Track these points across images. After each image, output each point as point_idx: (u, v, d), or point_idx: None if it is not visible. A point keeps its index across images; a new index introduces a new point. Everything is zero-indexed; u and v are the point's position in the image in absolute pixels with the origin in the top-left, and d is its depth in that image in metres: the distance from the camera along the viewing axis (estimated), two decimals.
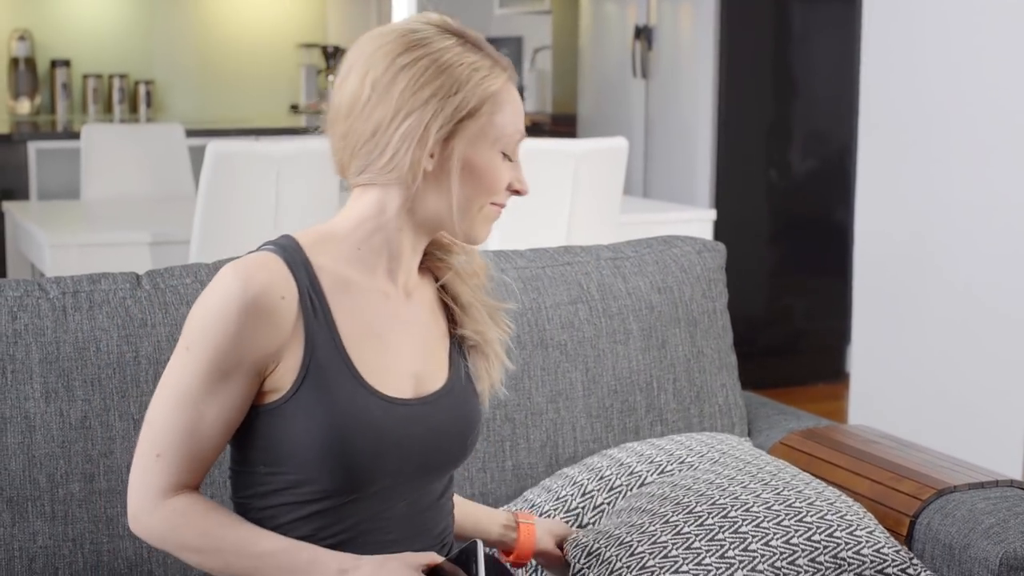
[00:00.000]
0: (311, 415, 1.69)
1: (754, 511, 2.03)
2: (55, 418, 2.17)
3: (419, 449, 1.75)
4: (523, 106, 1.80)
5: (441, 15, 1.77)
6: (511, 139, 1.76)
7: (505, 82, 1.74)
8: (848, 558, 2.01)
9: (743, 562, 1.96)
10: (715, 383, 2.59)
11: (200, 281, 2.31)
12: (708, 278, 2.63)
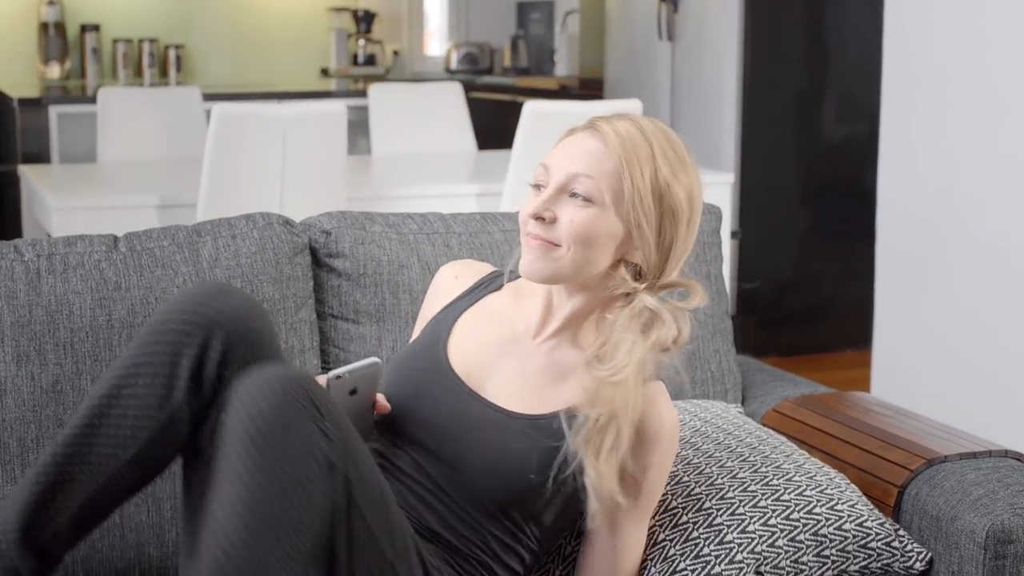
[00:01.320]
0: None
1: (729, 497, 1.98)
2: (26, 382, 2.14)
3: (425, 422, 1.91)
4: (577, 144, 1.87)
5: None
6: (538, 169, 1.88)
7: (566, 134, 1.91)
8: (829, 534, 1.95)
9: (719, 557, 1.90)
10: (708, 349, 2.52)
11: (178, 244, 2.27)
12: (703, 241, 2.56)
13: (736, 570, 1.90)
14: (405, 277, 2.35)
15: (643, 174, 1.81)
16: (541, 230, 1.84)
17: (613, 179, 1.82)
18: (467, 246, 2.41)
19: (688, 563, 1.91)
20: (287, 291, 2.29)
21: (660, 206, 1.82)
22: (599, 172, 1.82)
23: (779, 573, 1.93)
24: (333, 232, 2.36)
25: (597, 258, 1.84)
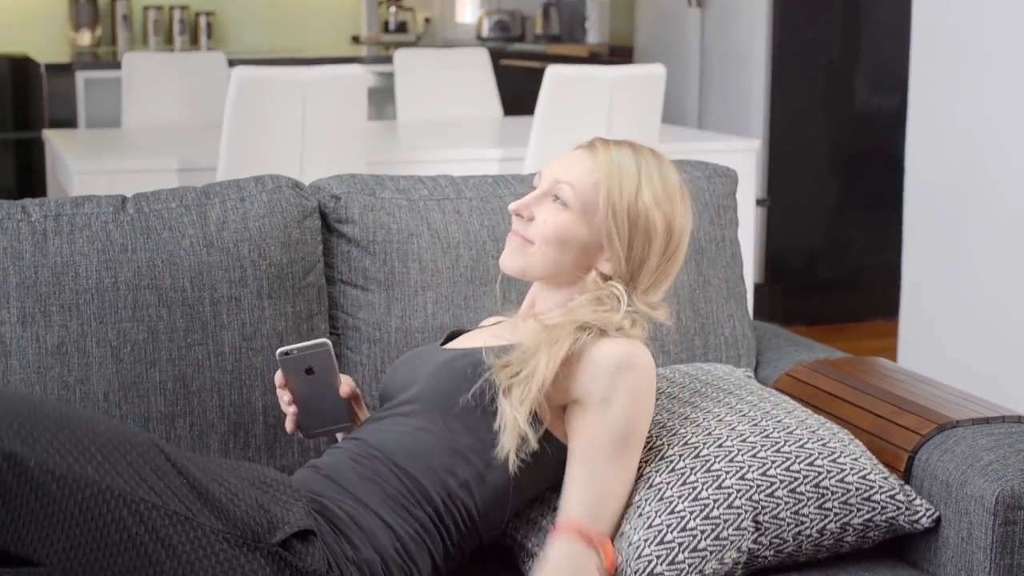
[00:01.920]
0: None
1: (727, 445, 1.95)
2: (31, 343, 2.13)
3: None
4: (571, 157, 2.03)
5: None
6: (536, 175, 2.06)
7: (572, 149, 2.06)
8: (831, 487, 1.93)
9: (717, 500, 1.88)
10: (721, 314, 2.49)
11: (186, 206, 2.26)
12: (717, 205, 2.52)
13: (734, 515, 1.88)
14: (415, 246, 2.33)
15: (621, 193, 1.95)
16: (519, 226, 2.00)
17: (591, 191, 1.96)
18: (478, 212, 2.39)
19: (686, 505, 1.89)
20: (295, 255, 2.27)
21: (635, 225, 1.95)
22: (580, 183, 1.97)
23: (779, 523, 1.91)
24: (343, 197, 2.34)
25: (567, 260, 1.98)
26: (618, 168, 1.97)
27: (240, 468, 1.84)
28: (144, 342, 2.17)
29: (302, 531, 1.76)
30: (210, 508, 1.72)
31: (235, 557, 1.71)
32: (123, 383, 2.16)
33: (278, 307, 2.25)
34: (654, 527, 1.88)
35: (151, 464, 1.71)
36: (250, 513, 1.74)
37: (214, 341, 2.21)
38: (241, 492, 1.76)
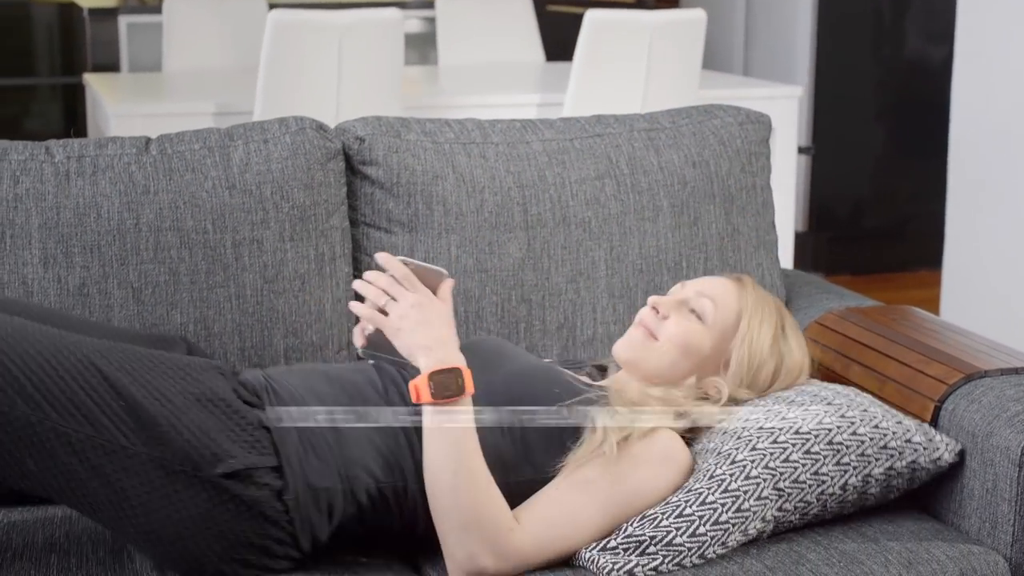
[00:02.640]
0: None
1: (732, 429, 1.95)
2: (53, 284, 2.14)
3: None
4: (718, 280, 2.09)
5: None
6: (677, 286, 2.11)
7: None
8: (844, 441, 1.91)
9: (733, 475, 1.88)
10: (751, 262, 2.46)
11: (209, 147, 2.25)
12: (749, 151, 2.48)
13: (753, 485, 1.86)
14: (439, 188, 2.31)
15: (761, 326, 2.02)
16: (651, 320, 2.02)
17: (732, 316, 2.02)
18: (504, 157, 2.36)
19: (703, 483, 1.87)
20: (318, 197, 2.26)
21: (767, 361, 2.02)
22: (724, 304, 2.03)
23: (800, 487, 1.88)
24: (367, 139, 2.32)
25: (680, 368, 2.00)
26: (762, 306, 2.04)
27: (192, 376, 1.79)
28: (165, 284, 2.17)
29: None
30: (148, 434, 1.70)
31: (171, 484, 1.70)
32: (144, 324, 2.15)
33: (300, 249, 2.23)
34: (671, 502, 1.86)
35: (86, 388, 1.69)
36: (192, 442, 1.72)
37: (235, 283, 2.20)
38: (185, 415, 1.73)
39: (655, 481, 1.87)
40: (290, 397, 1.85)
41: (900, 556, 1.86)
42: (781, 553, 1.87)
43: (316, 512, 1.79)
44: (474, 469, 1.77)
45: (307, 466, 1.79)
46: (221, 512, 1.72)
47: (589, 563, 1.83)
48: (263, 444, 1.77)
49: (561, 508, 1.82)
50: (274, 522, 1.76)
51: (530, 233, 2.33)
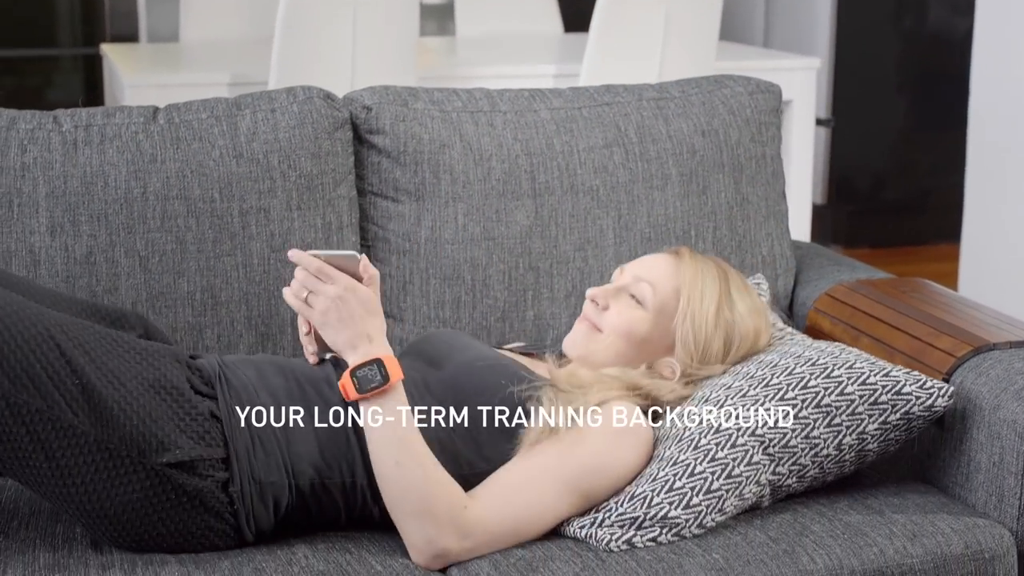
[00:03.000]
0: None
1: (714, 398, 1.94)
2: (60, 253, 2.14)
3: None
4: (656, 258, 2.08)
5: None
6: (617, 270, 2.10)
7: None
8: (833, 403, 1.90)
9: (719, 443, 1.87)
10: (760, 232, 2.44)
11: (216, 116, 2.25)
12: (759, 121, 2.46)
13: (741, 452, 1.85)
14: (446, 156, 2.30)
15: (702, 301, 1.99)
16: (592, 313, 2.03)
17: (671, 296, 2.00)
18: (512, 126, 2.35)
19: (688, 455, 1.86)
20: (325, 166, 2.25)
21: (714, 333, 1.99)
22: (661, 285, 2.01)
23: (791, 451, 1.88)
24: (374, 108, 2.31)
25: (630, 354, 2.00)
26: (701, 277, 2.01)
27: (148, 361, 1.79)
28: (172, 252, 2.17)
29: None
30: (97, 415, 1.70)
31: (115, 467, 1.71)
32: (151, 293, 2.16)
33: (308, 218, 2.23)
34: (659, 479, 1.85)
35: (43, 361, 1.69)
36: (140, 428, 1.72)
37: (242, 252, 2.20)
38: (136, 401, 1.73)
39: (613, 451, 1.85)
40: (242, 388, 1.85)
41: (905, 528, 1.85)
42: (785, 524, 1.86)
43: (261, 505, 1.79)
44: (417, 454, 1.77)
45: (254, 460, 1.79)
46: (162, 500, 1.73)
47: (588, 538, 1.82)
48: (212, 435, 1.78)
49: (516, 480, 1.82)
50: (217, 513, 1.76)
51: (538, 201, 2.32)
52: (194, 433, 1.76)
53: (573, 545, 1.82)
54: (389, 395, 1.77)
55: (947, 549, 1.83)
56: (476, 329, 2.28)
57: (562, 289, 2.32)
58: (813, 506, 1.92)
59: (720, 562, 1.77)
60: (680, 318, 1.99)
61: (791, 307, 2.46)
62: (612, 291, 2.03)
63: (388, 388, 1.77)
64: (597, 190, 2.34)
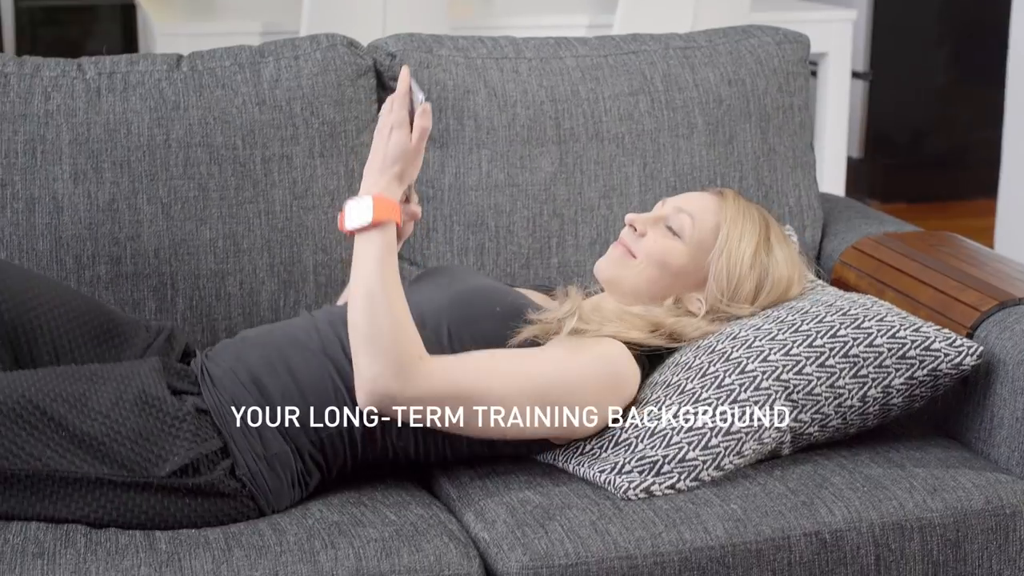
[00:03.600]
0: None
1: (742, 336, 1.92)
2: (83, 200, 2.14)
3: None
4: (699, 194, 2.05)
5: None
6: (659, 203, 2.06)
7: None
8: (861, 354, 1.87)
9: (743, 384, 1.85)
10: (787, 183, 2.42)
11: (240, 64, 2.24)
12: (786, 71, 2.43)
13: (763, 396, 1.84)
14: (470, 103, 2.28)
15: (740, 240, 1.96)
16: (629, 238, 2.00)
17: (709, 231, 1.97)
18: (537, 72, 2.33)
19: (711, 392, 1.85)
20: (348, 114, 2.24)
21: (748, 274, 1.96)
22: (701, 219, 1.98)
23: (815, 399, 1.86)
24: (398, 55, 2.30)
25: (660, 285, 1.97)
26: (743, 218, 1.98)
27: (125, 381, 1.80)
28: (195, 200, 2.17)
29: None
30: (92, 455, 1.72)
31: (124, 495, 1.73)
32: (173, 240, 2.16)
33: (330, 166, 2.22)
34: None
35: (27, 428, 1.72)
36: (135, 450, 1.74)
37: (265, 199, 2.19)
38: (124, 426, 1.74)
39: (584, 371, 1.84)
40: (221, 375, 1.85)
41: (925, 482, 1.84)
42: (805, 476, 1.85)
43: (275, 478, 1.80)
44: (389, 294, 1.79)
45: (252, 439, 1.80)
46: (179, 505, 1.74)
47: (606, 484, 1.82)
48: (205, 430, 1.78)
49: (482, 357, 1.82)
50: (233, 497, 1.77)
51: (563, 148, 2.30)
52: (187, 435, 1.76)
53: (591, 492, 1.81)
54: (376, 232, 1.80)
55: (967, 504, 1.81)
56: (500, 276, 2.27)
57: (586, 236, 2.31)
58: (834, 458, 1.90)
59: (738, 512, 1.76)
60: (716, 253, 1.96)
61: (818, 259, 2.43)
62: (652, 219, 2.00)
63: (372, 227, 1.80)
64: (622, 138, 2.33)
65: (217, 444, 1.78)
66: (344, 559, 1.67)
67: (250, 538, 1.70)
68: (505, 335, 1.86)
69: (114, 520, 1.73)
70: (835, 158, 4.24)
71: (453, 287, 1.93)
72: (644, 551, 1.71)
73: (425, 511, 1.80)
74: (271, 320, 2.20)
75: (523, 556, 1.70)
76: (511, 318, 1.87)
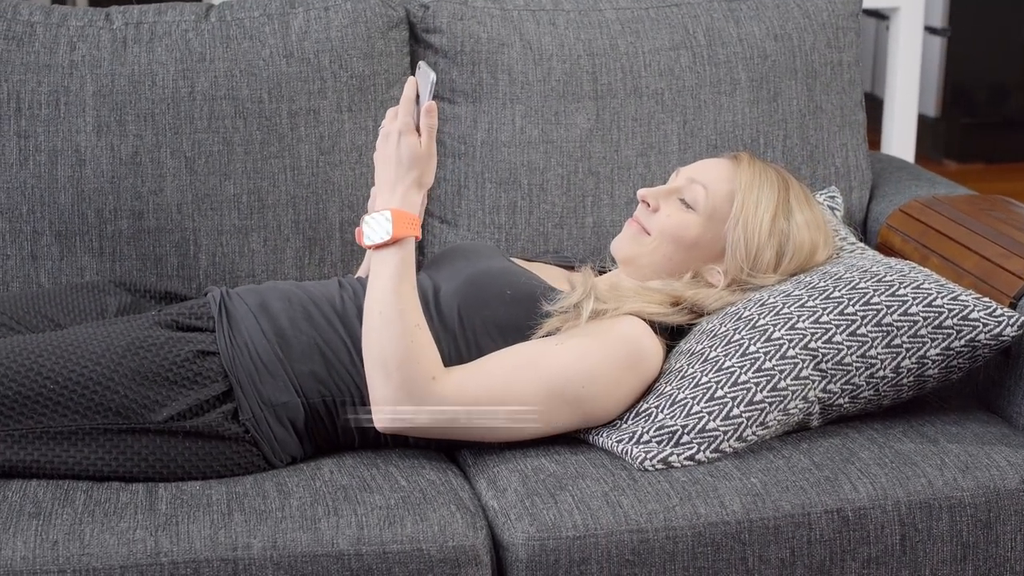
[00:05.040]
0: None
1: (771, 303, 1.84)
2: (106, 152, 2.11)
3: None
4: (713, 162, 1.97)
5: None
6: (674, 172, 2.00)
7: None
8: (895, 322, 1.78)
9: (768, 352, 1.77)
10: (834, 142, 2.32)
11: (268, 15, 2.19)
12: (836, 25, 2.33)
13: (790, 365, 1.76)
14: (504, 56, 2.22)
15: (757, 207, 1.87)
16: (642, 215, 1.93)
17: (724, 200, 1.89)
18: (575, 25, 2.26)
19: (734, 361, 1.78)
20: (378, 67, 2.19)
21: (767, 242, 1.88)
22: (715, 188, 1.90)
23: (845, 369, 1.78)
24: (432, 6, 2.23)
25: (677, 260, 1.90)
26: (759, 183, 1.89)
27: (117, 330, 1.77)
28: (219, 154, 2.13)
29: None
30: (86, 405, 1.70)
31: (123, 441, 1.70)
32: (196, 195, 2.12)
33: (358, 120, 2.17)
34: (702, 385, 1.77)
35: (14, 384, 1.70)
36: (130, 396, 1.71)
37: (291, 154, 2.15)
38: (117, 372, 1.71)
39: (602, 358, 1.77)
40: (241, 317, 1.81)
41: (958, 459, 1.75)
42: (832, 450, 1.77)
43: (281, 428, 1.76)
44: (403, 312, 1.73)
45: (260, 385, 1.76)
46: (180, 448, 1.72)
47: (624, 454, 1.76)
48: (205, 374, 1.75)
49: (500, 366, 1.76)
50: (235, 441, 1.74)
51: (599, 103, 2.23)
52: (185, 380, 1.73)
53: (608, 462, 1.75)
54: (395, 249, 1.75)
55: (1000, 483, 1.73)
56: (532, 235, 2.21)
57: (623, 196, 2.23)
58: (865, 431, 1.82)
59: (757, 487, 1.69)
60: (732, 223, 1.88)
61: (865, 222, 2.34)
62: (664, 192, 1.93)
63: (391, 243, 1.75)
64: (662, 93, 2.25)
65: (220, 388, 1.75)
66: (346, 527, 1.62)
67: (253, 500, 1.67)
68: (517, 319, 1.80)
69: (114, 471, 1.70)
70: (905, 117, 4.10)
71: (466, 270, 1.87)
72: (656, 525, 1.65)
73: (439, 476, 1.75)
74: (296, 278, 2.16)
75: (530, 527, 1.65)
76: (523, 302, 1.81)
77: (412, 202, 1.78)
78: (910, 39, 4.08)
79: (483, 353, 1.81)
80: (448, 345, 1.81)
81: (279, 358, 1.78)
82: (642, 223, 1.93)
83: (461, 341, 1.81)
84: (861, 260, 1.92)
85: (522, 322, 1.81)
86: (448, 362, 1.79)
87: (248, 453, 1.75)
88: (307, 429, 1.79)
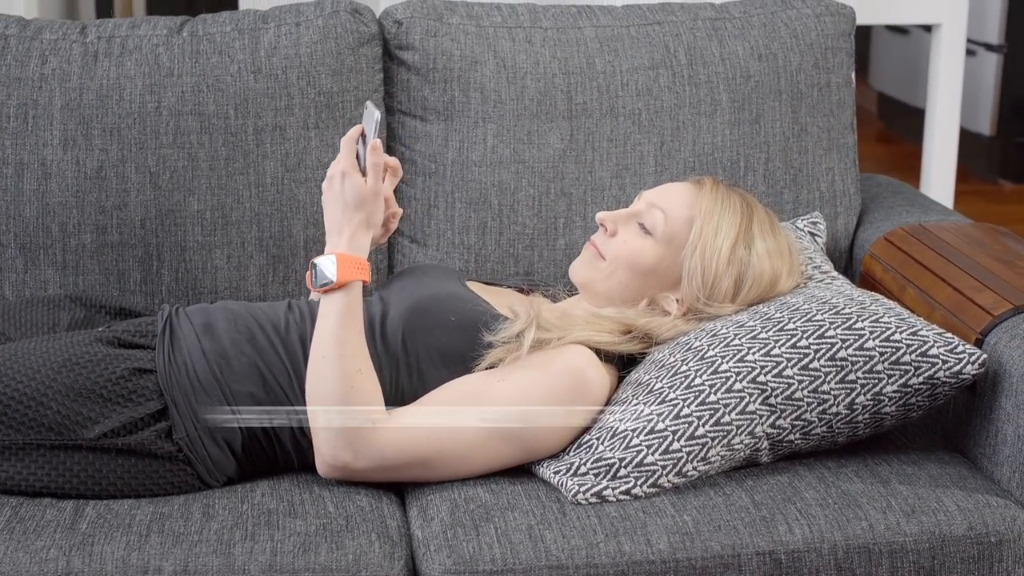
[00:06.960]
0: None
1: (722, 333, 1.78)
2: (71, 167, 2.10)
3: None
4: (676, 186, 1.91)
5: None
6: (637, 196, 1.94)
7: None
8: (849, 357, 1.71)
9: (714, 386, 1.71)
10: (819, 166, 2.25)
11: (240, 30, 2.17)
12: (825, 46, 2.26)
13: (736, 399, 1.70)
14: (477, 74, 2.18)
15: (716, 235, 1.82)
16: (599, 238, 1.89)
17: (683, 225, 1.84)
18: (551, 43, 2.21)
19: (678, 394, 1.72)
20: (347, 84, 2.16)
21: (725, 271, 1.82)
22: (673, 213, 1.85)
23: (796, 404, 1.71)
24: (405, 23, 2.20)
25: (633, 286, 1.85)
26: (720, 210, 1.84)
27: (55, 347, 1.75)
28: (184, 169, 2.11)
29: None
30: (20, 419, 1.68)
31: (55, 457, 1.69)
32: (160, 211, 2.11)
33: (325, 138, 2.14)
34: (643, 417, 1.71)
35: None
36: (62, 412, 1.69)
37: (256, 171, 2.13)
38: (51, 388, 1.69)
39: (545, 392, 1.72)
40: (184, 336, 1.79)
41: (905, 502, 1.67)
42: (776, 488, 1.71)
43: (216, 448, 1.73)
44: (345, 358, 1.70)
45: (196, 405, 1.73)
46: (112, 465, 1.70)
47: (559, 486, 1.71)
48: (139, 392, 1.72)
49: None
50: (168, 459, 1.72)
51: (573, 123, 2.18)
52: (119, 397, 1.71)
53: (543, 493, 1.70)
54: (340, 294, 1.72)
55: (947, 529, 1.64)
56: (503, 256, 2.16)
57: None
58: (817, 469, 1.75)
59: (688, 525, 1.63)
60: (689, 250, 1.82)
61: (851, 249, 2.27)
62: (624, 217, 1.88)
63: (337, 287, 1.71)
64: (639, 114, 2.19)
65: (155, 407, 1.72)
66: (259, 553, 1.59)
67: (175, 522, 1.64)
68: (460, 347, 1.76)
69: (46, 487, 1.69)
70: (946, 134, 3.98)
71: (416, 293, 1.83)
72: (577, 561, 1.59)
73: (370, 502, 1.71)
74: (259, 296, 2.14)
75: (447, 559, 1.60)
76: (467, 330, 1.77)
77: (360, 245, 1.75)
78: (953, 54, 3.98)
79: (425, 380, 1.77)
80: (390, 371, 1.77)
81: (217, 378, 1.75)
82: (598, 247, 1.88)
83: (403, 367, 1.77)
84: (824, 291, 1.85)
85: (465, 351, 1.76)
86: (390, 388, 1.75)
87: (182, 472, 1.73)
88: (244, 451, 1.76)
